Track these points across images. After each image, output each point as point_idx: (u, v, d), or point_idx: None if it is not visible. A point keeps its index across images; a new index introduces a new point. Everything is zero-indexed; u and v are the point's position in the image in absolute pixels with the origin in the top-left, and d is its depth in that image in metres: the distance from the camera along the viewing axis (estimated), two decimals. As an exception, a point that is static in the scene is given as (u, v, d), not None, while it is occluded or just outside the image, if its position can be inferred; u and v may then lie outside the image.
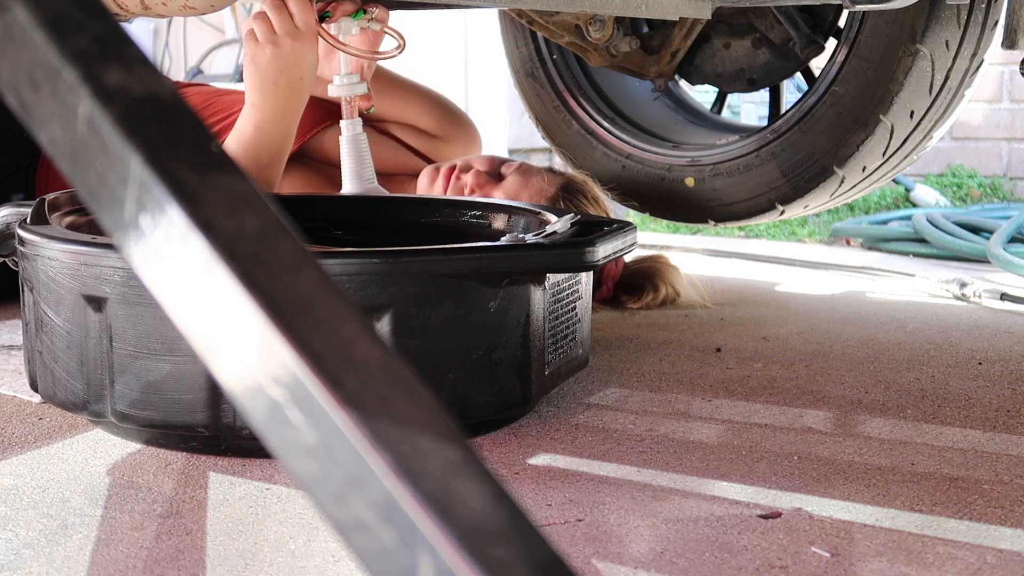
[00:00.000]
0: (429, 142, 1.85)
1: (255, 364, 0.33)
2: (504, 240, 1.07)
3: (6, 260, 1.06)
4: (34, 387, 1.02)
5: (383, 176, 1.51)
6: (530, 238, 1.04)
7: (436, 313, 0.91)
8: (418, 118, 1.84)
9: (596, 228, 1.07)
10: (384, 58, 1.39)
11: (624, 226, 1.08)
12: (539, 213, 1.22)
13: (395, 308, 0.90)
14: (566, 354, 1.06)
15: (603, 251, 1.00)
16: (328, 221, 1.35)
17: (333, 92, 1.36)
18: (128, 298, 0.89)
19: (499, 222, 1.28)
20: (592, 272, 1.10)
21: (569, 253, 0.99)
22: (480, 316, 0.94)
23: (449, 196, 1.54)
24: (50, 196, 1.10)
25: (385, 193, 1.43)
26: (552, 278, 1.00)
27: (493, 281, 0.94)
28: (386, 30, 1.38)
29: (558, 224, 1.09)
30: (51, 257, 0.93)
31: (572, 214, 1.12)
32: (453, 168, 1.65)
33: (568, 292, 1.05)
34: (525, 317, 0.97)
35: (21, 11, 0.37)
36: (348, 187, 1.40)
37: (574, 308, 1.07)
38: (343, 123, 1.37)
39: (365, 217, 1.35)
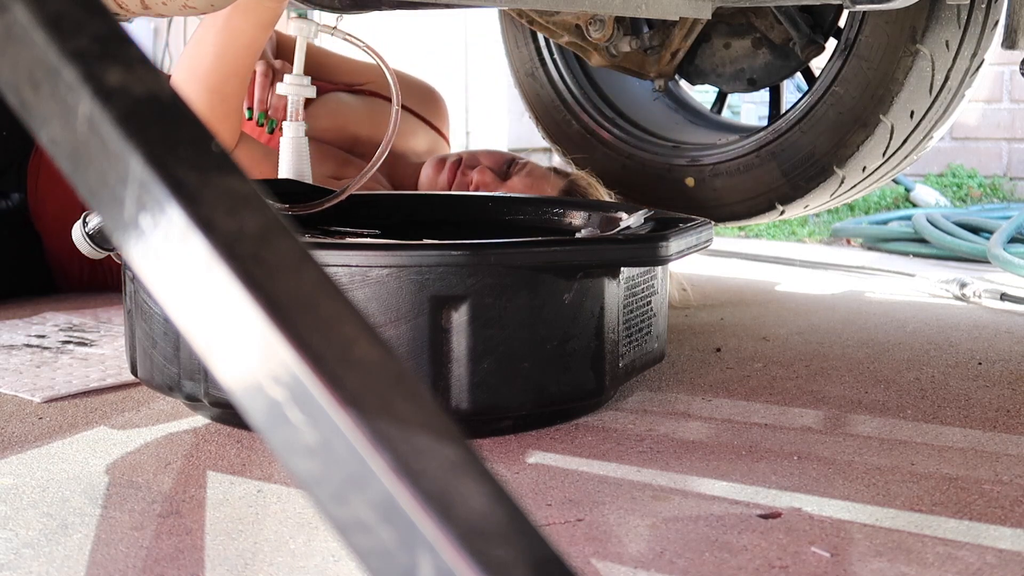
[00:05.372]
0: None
1: (255, 364, 0.33)
2: (579, 235, 1.09)
3: (111, 254, 1.10)
4: (134, 371, 1.06)
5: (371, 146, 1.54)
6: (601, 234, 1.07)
7: (512, 304, 0.94)
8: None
9: (671, 224, 1.09)
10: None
11: (699, 223, 1.10)
12: (615, 210, 1.27)
13: (472, 298, 0.92)
14: (641, 347, 1.08)
15: (676, 246, 1.02)
16: (412, 218, 1.39)
17: (281, 90, 1.34)
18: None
19: (576, 219, 1.32)
20: (668, 268, 1.13)
21: (642, 248, 1.02)
22: (555, 307, 0.96)
23: (481, 193, 1.57)
24: None
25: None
26: (627, 272, 1.03)
27: (568, 274, 0.96)
28: (353, 41, 1.35)
29: (631, 220, 1.12)
30: None
31: (645, 210, 1.14)
32: (458, 162, 1.66)
33: (643, 287, 1.08)
34: (599, 309, 0.99)
35: (21, 11, 0.37)
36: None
37: (649, 303, 1.09)
38: (286, 124, 1.34)
39: (447, 214, 1.39)
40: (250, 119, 1.75)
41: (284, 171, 1.33)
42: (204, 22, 1.44)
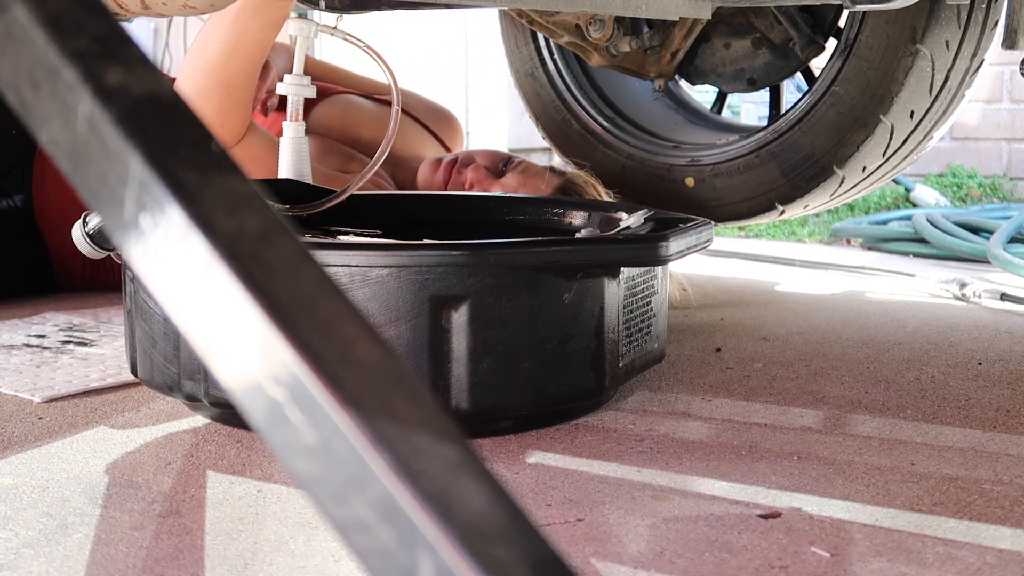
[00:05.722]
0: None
1: (255, 364, 0.33)
2: (579, 235, 1.10)
3: (111, 254, 1.10)
4: (134, 371, 1.05)
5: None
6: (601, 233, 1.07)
7: (512, 304, 0.94)
8: (413, 104, 1.95)
9: (671, 224, 1.09)
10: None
11: (699, 223, 1.10)
12: (615, 210, 1.27)
13: (472, 299, 0.92)
14: (641, 347, 1.08)
15: (676, 246, 1.02)
16: (412, 218, 1.39)
17: (281, 90, 1.33)
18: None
19: (576, 219, 1.32)
20: (668, 268, 1.13)
21: (642, 248, 1.02)
22: (555, 308, 0.96)
23: (467, 192, 1.58)
24: None
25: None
26: (626, 272, 1.03)
27: (567, 274, 0.96)
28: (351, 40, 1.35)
29: (631, 220, 1.12)
30: None
31: (645, 210, 1.14)
32: (454, 161, 1.68)
33: (643, 287, 1.08)
34: (599, 309, 0.99)
35: (21, 11, 0.37)
36: None
37: (649, 303, 1.09)
38: (286, 124, 1.33)
39: (447, 214, 1.39)
40: None
41: (284, 171, 1.33)
42: (211, 19, 1.44)
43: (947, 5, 1.48)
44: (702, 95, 2.50)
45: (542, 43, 2.00)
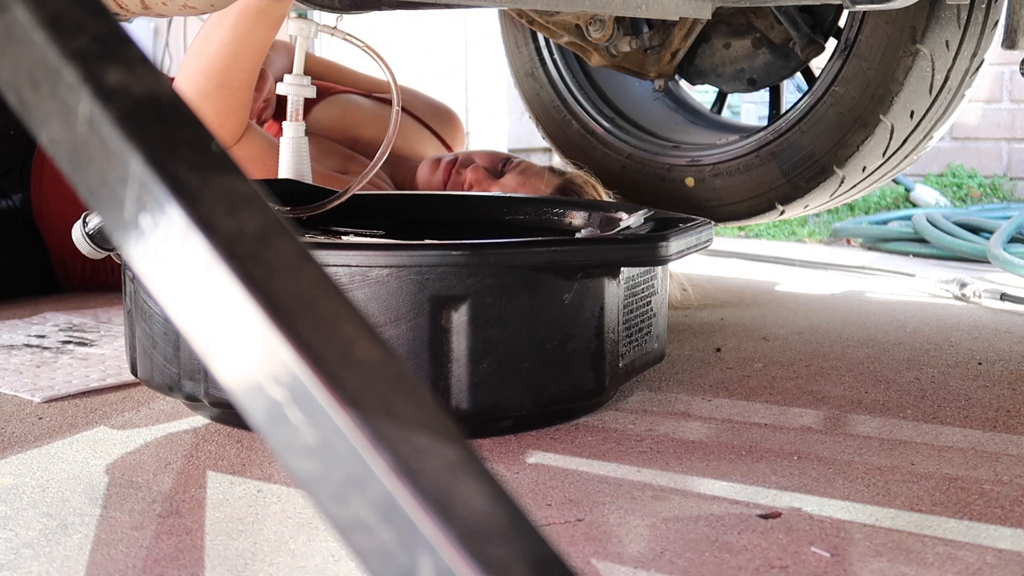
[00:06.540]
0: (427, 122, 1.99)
1: (255, 364, 0.33)
2: (579, 235, 1.10)
3: (111, 254, 1.10)
4: (134, 371, 1.05)
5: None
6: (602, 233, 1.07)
7: (512, 304, 0.94)
8: (413, 102, 1.96)
9: (671, 224, 1.09)
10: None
11: (699, 223, 1.10)
12: (615, 210, 1.27)
13: (472, 299, 0.92)
14: (641, 347, 1.08)
15: (676, 246, 1.02)
16: (413, 218, 1.39)
17: (281, 90, 1.33)
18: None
19: (576, 219, 1.32)
20: (668, 268, 1.13)
21: (642, 248, 1.02)
22: (555, 308, 0.96)
23: (466, 193, 1.59)
24: None
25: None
26: (626, 272, 1.03)
27: (567, 274, 0.96)
28: (351, 40, 1.35)
29: (631, 220, 1.12)
30: None
31: (645, 210, 1.15)
32: (453, 161, 1.68)
33: (643, 287, 1.08)
34: (599, 309, 0.99)
35: (21, 11, 0.37)
36: None
37: (649, 302, 1.09)
38: (286, 124, 1.33)
39: (447, 214, 1.39)
40: None
41: (284, 171, 1.34)
42: (210, 19, 1.45)
43: (947, 5, 1.48)
44: (702, 95, 2.50)
45: (542, 43, 2.00)
